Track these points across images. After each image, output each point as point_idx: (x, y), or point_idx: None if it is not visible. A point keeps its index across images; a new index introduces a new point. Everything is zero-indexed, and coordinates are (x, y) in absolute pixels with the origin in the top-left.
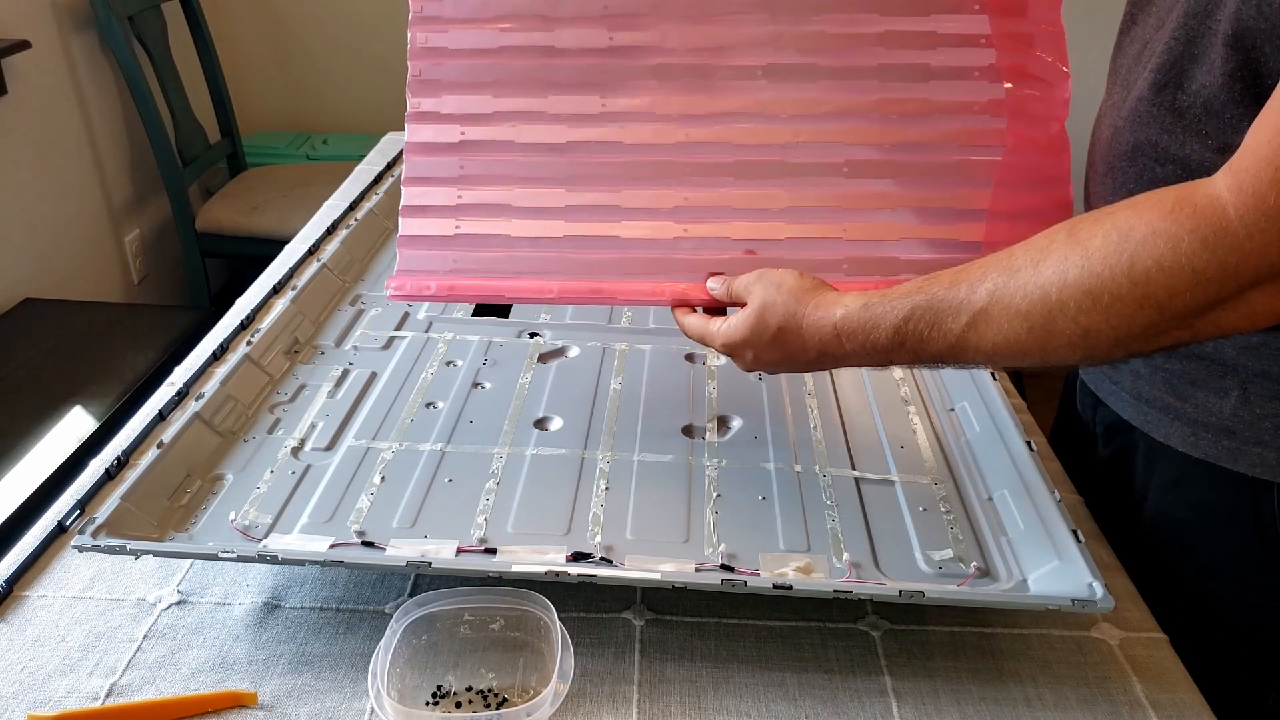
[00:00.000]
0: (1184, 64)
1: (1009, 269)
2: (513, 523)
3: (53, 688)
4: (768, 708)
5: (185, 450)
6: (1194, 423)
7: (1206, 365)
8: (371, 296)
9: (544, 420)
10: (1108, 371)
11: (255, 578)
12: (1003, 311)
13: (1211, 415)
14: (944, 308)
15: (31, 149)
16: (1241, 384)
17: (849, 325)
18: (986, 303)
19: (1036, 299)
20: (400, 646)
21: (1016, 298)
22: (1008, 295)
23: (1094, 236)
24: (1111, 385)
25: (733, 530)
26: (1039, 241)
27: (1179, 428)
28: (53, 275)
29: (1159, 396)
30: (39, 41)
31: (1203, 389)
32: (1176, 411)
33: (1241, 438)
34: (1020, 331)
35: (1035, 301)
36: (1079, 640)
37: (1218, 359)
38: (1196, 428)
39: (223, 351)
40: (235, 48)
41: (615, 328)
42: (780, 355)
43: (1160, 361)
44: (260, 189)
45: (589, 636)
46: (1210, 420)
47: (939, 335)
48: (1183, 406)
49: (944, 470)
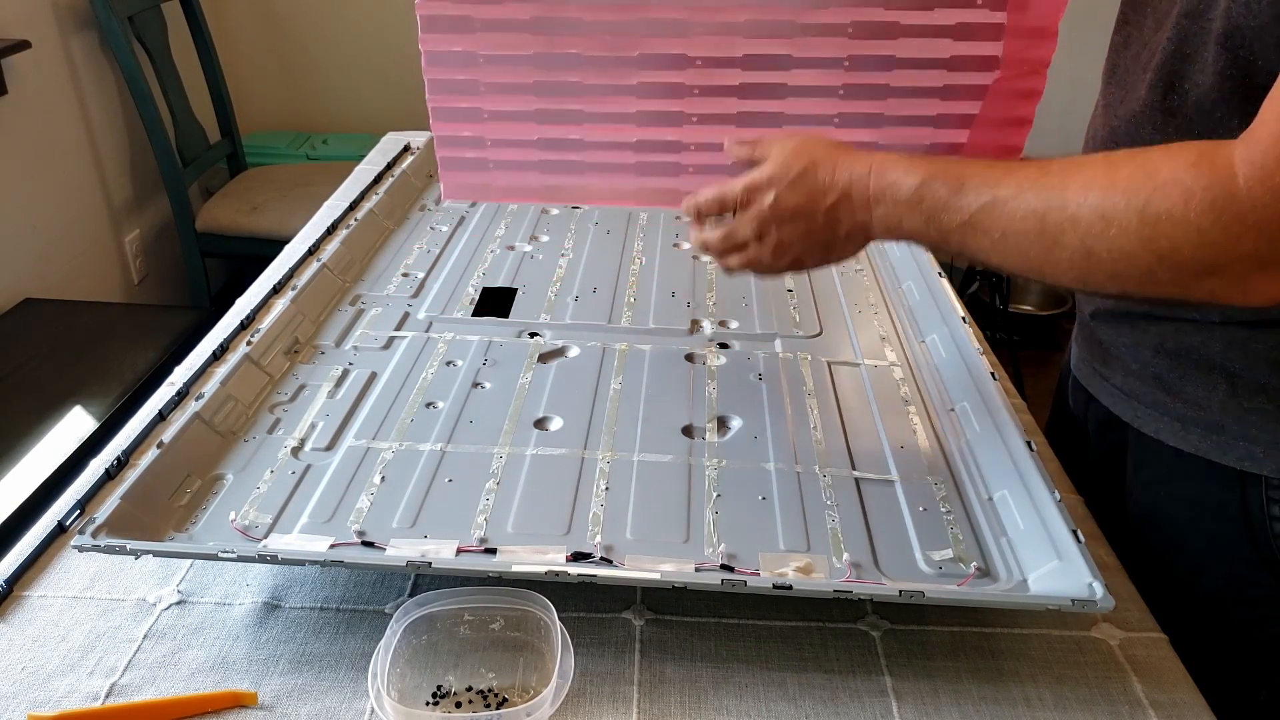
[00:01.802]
0: (1179, 64)
1: (1042, 170)
2: (513, 523)
3: (53, 688)
4: (768, 708)
5: (185, 450)
6: (1183, 418)
7: (1195, 361)
8: (371, 296)
9: (544, 420)
10: (1099, 367)
11: (255, 578)
12: (1021, 204)
13: (1200, 410)
14: (971, 181)
15: (31, 149)
16: (1229, 379)
17: (886, 163)
18: (1010, 192)
19: (1055, 204)
20: (400, 646)
21: (1039, 197)
22: (1031, 191)
23: (1125, 166)
24: (1103, 381)
25: (733, 530)
26: (1078, 158)
27: (1169, 423)
28: (53, 275)
29: (1149, 392)
30: (39, 41)
31: (1191, 384)
32: (1166, 407)
33: (1230, 432)
34: (1031, 230)
35: (1054, 206)
36: (1079, 640)
37: (1205, 354)
38: (1186, 422)
39: (223, 351)
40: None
41: (615, 328)
42: (802, 199)
43: (1149, 358)
44: (260, 189)
45: (589, 636)
46: (1199, 415)
47: (956, 205)
48: (1172, 402)
49: (944, 470)
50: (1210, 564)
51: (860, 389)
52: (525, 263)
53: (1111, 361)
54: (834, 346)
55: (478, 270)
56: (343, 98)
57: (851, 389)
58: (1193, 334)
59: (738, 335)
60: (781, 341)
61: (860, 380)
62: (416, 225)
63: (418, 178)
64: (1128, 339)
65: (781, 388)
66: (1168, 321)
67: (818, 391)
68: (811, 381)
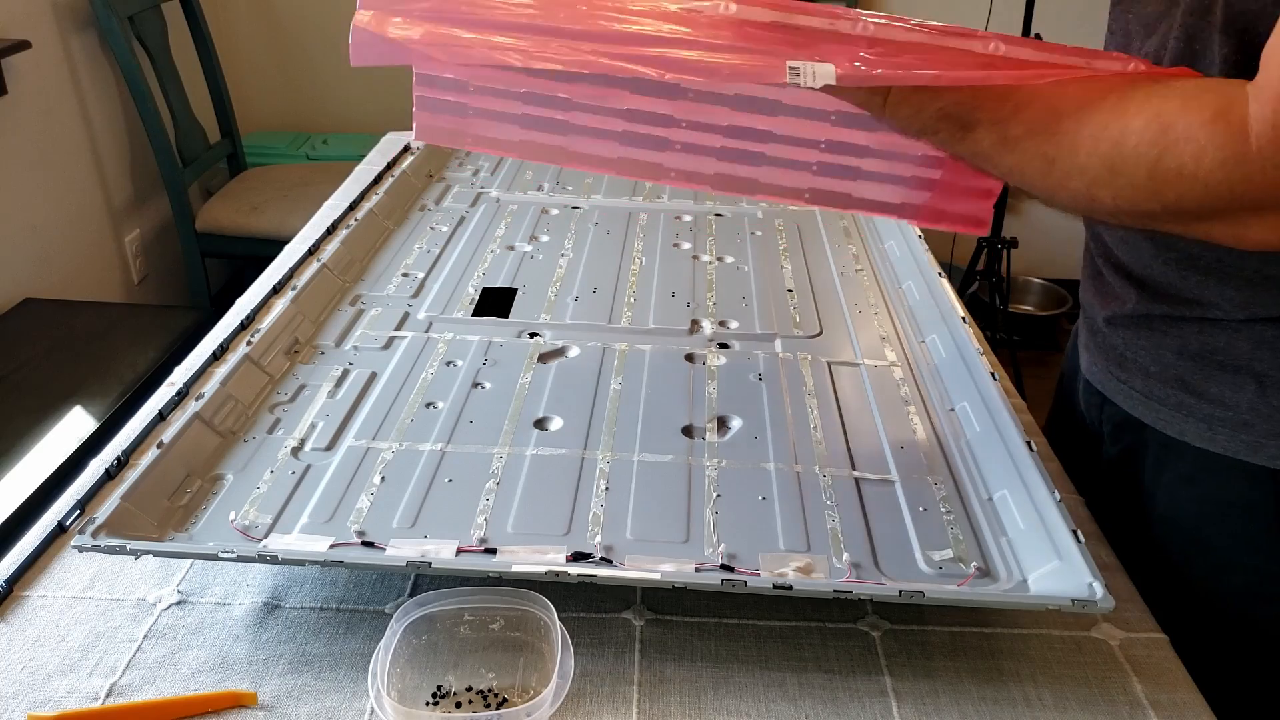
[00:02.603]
0: (1187, 62)
1: (1053, 114)
2: (513, 523)
3: (53, 688)
4: (768, 708)
5: (185, 450)
6: (1210, 418)
7: (1220, 362)
8: (371, 296)
9: (544, 420)
10: (1115, 371)
11: (255, 578)
12: (1031, 146)
13: (1228, 409)
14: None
15: (31, 149)
16: (1257, 377)
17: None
18: (1020, 131)
19: (1065, 152)
20: (400, 646)
21: (1048, 143)
22: (1041, 135)
23: (1139, 115)
24: (1120, 384)
25: (733, 530)
26: (1094, 92)
27: (1194, 424)
28: (53, 275)
29: (1172, 394)
30: (39, 41)
31: (1217, 384)
32: (1191, 408)
33: (1260, 430)
34: (1039, 168)
35: (1064, 151)
36: (1079, 640)
37: (1231, 354)
38: (1213, 423)
39: (223, 351)
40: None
41: (615, 328)
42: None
43: (1171, 360)
44: (260, 189)
45: (589, 636)
46: (1227, 415)
47: (966, 139)
48: (1197, 403)
49: (944, 470)
50: (1235, 563)
51: (860, 389)
52: (525, 263)
53: (1128, 365)
54: (834, 346)
55: (478, 270)
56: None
57: (851, 389)
58: (1217, 335)
59: (738, 335)
60: (781, 341)
61: (860, 380)
62: (416, 225)
63: (418, 178)
64: (1146, 342)
65: (781, 388)
66: (1189, 323)
67: (818, 391)
68: (811, 381)
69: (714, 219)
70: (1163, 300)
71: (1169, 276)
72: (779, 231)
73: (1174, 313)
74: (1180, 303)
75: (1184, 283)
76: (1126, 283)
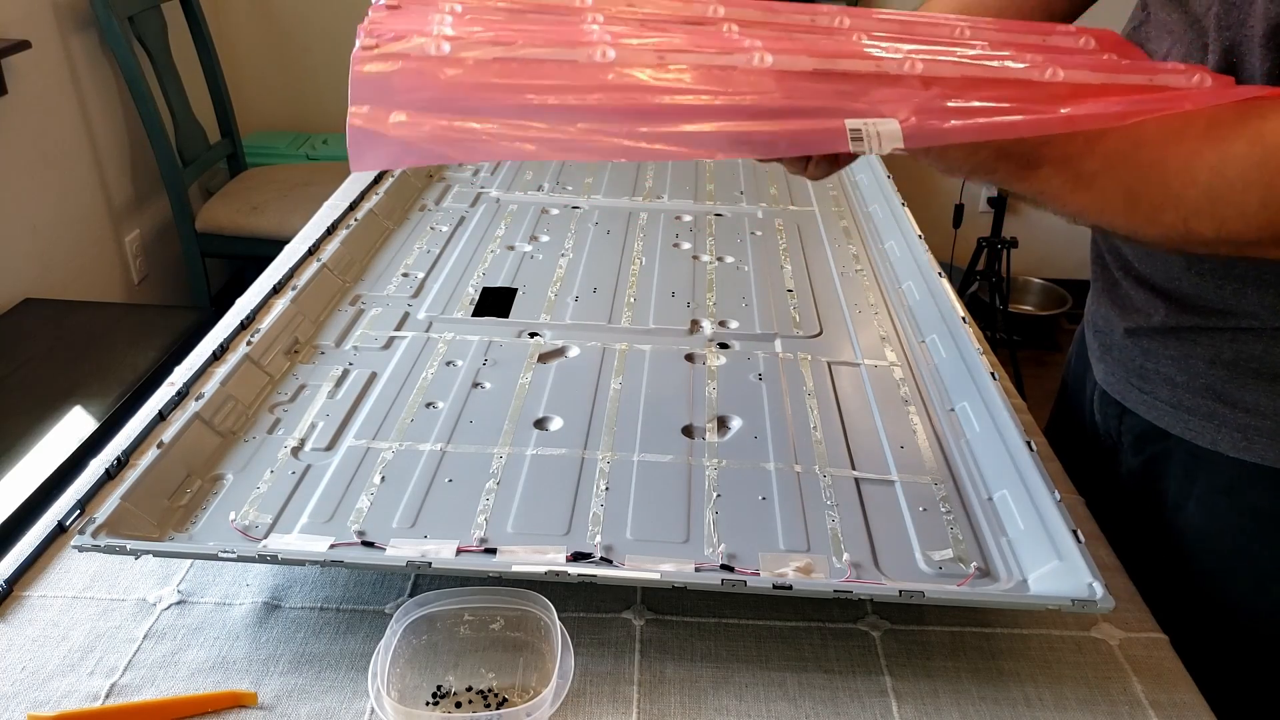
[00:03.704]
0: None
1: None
2: (513, 523)
3: (53, 688)
4: (768, 708)
5: (185, 450)
6: (1245, 427)
7: (1255, 370)
8: (371, 296)
9: (544, 420)
10: (1136, 382)
11: (255, 578)
12: (1112, 179)
13: (1265, 418)
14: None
15: (31, 149)
16: None
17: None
18: (1096, 165)
19: (1154, 182)
20: (400, 646)
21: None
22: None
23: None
24: (1142, 395)
25: (733, 530)
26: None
27: (1228, 433)
28: (53, 275)
29: (1201, 404)
30: (39, 41)
31: (1253, 393)
32: (1223, 417)
33: None
34: (1121, 205)
35: (1152, 183)
36: (1079, 640)
37: (1268, 362)
38: (1249, 432)
39: (223, 351)
40: (235, 48)
41: (615, 328)
42: None
43: (1202, 369)
44: (260, 189)
45: (589, 636)
46: (1264, 424)
47: (1028, 177)
48: (1231, 412)
49: (944, 470)
50: (1278, 573)
51: (860, 389)
52: (525, 263)
53: (1151, 376)
54: (834, 346)
55: (478, 270)
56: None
57: (851, 389)
58: (1252, 343)
59: (738, 335)
60: (781, 341)
61: (860, 380)
62: (416, 225)
63: (418, 178)
64: (1174, 352)
65: (781, 388)
66: (1222, 332)
67: (818, 391)
68: (811, 381)
69: (714, 219)
70: (1193, 312)
71: (1201, 288)
72: (779, 231)
73: (1205, 324)
74: (1212, 314)
75: (1219, 293)
76: (1152, 295)
